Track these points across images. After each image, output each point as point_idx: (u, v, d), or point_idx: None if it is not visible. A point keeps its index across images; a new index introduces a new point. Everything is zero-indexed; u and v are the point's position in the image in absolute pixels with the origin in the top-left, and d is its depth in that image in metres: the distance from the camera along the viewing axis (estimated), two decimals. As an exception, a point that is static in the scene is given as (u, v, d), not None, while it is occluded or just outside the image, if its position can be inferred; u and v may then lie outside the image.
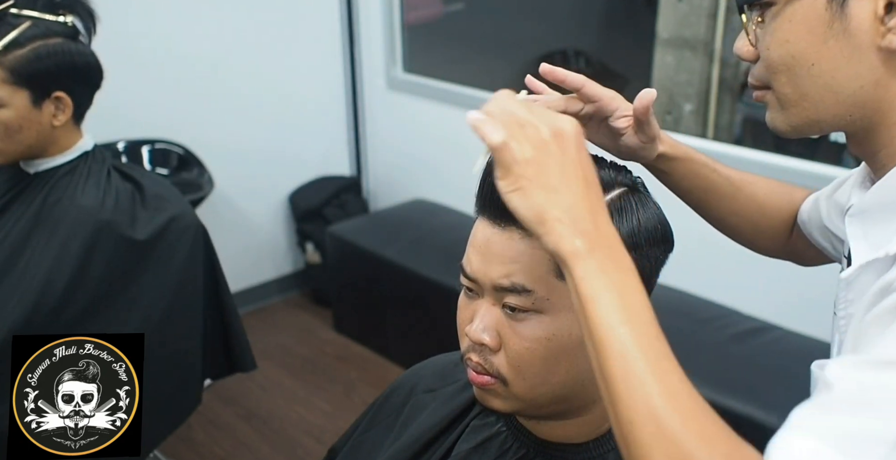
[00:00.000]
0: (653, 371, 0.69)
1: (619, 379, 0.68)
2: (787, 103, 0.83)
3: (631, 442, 0.67)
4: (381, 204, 3.66)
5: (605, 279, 0.71)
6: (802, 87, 0.81)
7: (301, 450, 2.68)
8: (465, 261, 0.89)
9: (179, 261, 1.67)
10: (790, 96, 0.83)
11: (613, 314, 0.70)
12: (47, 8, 1.54)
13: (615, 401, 0.69)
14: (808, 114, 0.83)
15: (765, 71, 0.84)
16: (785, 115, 0.85)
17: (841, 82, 0.80)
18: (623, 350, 0.69)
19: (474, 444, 0.99)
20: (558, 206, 0.72)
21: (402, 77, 3.41)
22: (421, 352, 1.31)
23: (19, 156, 1.60)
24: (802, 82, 0.81)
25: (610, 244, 0.73)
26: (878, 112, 0.81)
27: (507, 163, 0.73)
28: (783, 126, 0.86)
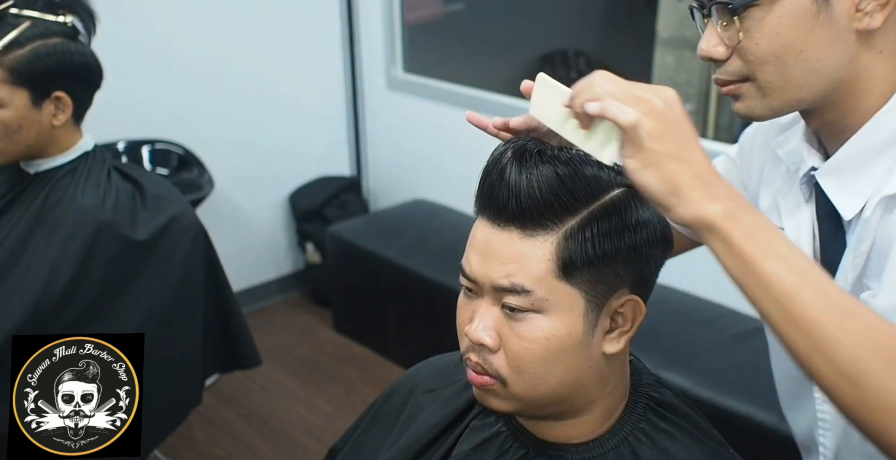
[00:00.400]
0: (856, 302, 0.72)
1: (828, 319, 0.69)
2: (771, 90, 0.90)
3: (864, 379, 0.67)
4: (381, 204, 3.66)
5: (768, 232, 0.73)
6: (789, 73, 0.88)
7: (301, 450, 2.68)
8: (465, 261, 0.89)
9: (180, 262, 1.67)
10: (776, 83, 0.89)
11: (795, 261, 0.72)
12: (47, 8, 1.54)
13: (829, 344, 0.68)
14: (792, 96, 0.90)
15: (743, 65, 0.89)
16: (766, 101, 0.91)
17: (825, 64, 0.89)
18: (824, 289, 0.72)
19: (474, 444, 0.99)
20: (689, 175, 0.74)
21: (403, 77, 3.41)
22: (421, 352, 1.31)
23: (19, 157, 1.60)
24: (790, 69, 0.88)
25: (746, 203, 0.75)
26: (849, 83, 0.90)
27: (639, 139, 0.74)
28: (763, 111, 0.92)
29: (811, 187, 1.01)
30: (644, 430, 0.94)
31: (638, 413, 0.95)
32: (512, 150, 0.86)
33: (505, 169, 0.85)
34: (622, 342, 0.90)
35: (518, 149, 0.86)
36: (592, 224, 0.84)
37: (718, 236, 0.74)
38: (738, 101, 0.93)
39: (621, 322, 0.89)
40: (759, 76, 0.89)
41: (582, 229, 0.84)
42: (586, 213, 0.84)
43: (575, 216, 0.84)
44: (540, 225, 0.84)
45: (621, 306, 0.88)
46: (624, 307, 0.88)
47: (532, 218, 0.84)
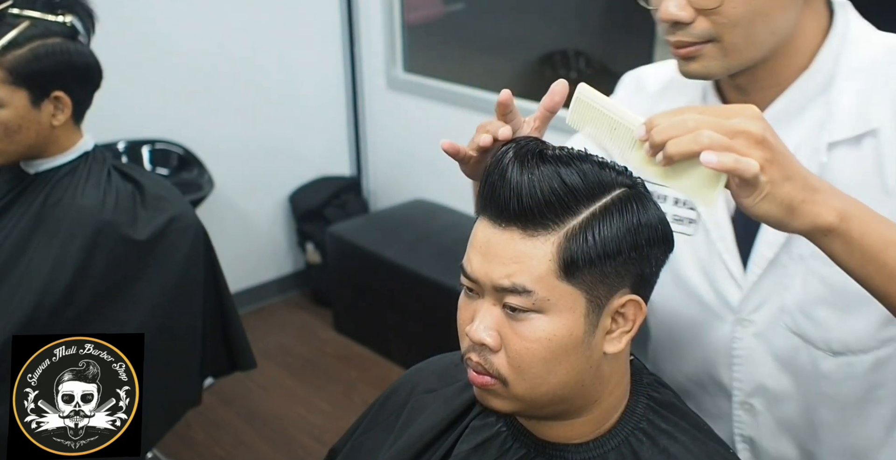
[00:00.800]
0: None
1: None
2: (734, 50, 0.93)
3: None
4: (381, 204, 3.66)
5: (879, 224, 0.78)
6: (754, 35, 0.93)
7: (301, 450, 2.68)
8: (466, 261, 0.89)
9: (179, 262, 1.67)
10: (739, 44, 0.93)
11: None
12: (46, 8, 1.54)
13: None
14: (749, 56, 0.95)
15: (711, 27, 0.92)
16: (726, 61, 0.94)
17: (781, 24, 0.94)
18: None
19: (474, 445, 0.99)
20: (798, 190, 0.76)
21: (403, 77, 3.41)
22: (421, 352, 1.31)
23: (19, 157, 1.60)
24: (756, 30, 0.92)
25: (848, 198, 0.80)
26: (789, 41, 0.96)
27: (757, 180, 0.75)
28: (720, 71, 0.96)
29: None
30: (644, 430, 0.94)
31: (638, 413, 0.95)
32: (514, 150, 0.86)
33: (506, 169, 0.85)
34: (623, 342, 0.90)
35: (520, 149, 0.86)
36: (594, 224, 0.84)
37: (838, 238, 0.78)
38: (693, 61, 0.95)
39: (622, 322, 0.89)
40: (726, 38, 0.92)
41: (583, 229, 0.84)
42: (588, 213, 0.84)
43: (576, 216, 0.84)
44: (541, 225, 0.84)
45: (622, 306, 0.88)
46: (625, 307, 0.88)
47: (533, 218, 0.84)
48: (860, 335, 1.00)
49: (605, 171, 0.87)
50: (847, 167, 0.96)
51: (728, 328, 1.07)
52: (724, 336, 1.08)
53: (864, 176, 0.96)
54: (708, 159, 0.74)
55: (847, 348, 1.01)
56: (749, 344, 1.06)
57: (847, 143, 0.96)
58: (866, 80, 0.96)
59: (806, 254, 0.99)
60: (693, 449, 0.93)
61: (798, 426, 1.08)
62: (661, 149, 0.78)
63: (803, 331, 1.02)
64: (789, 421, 1.08)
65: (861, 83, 0.96)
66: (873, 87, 0.96)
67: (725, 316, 1.07)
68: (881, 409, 1.05)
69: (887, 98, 0.95)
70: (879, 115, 0.95)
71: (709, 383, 1.12)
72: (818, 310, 1.00)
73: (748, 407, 1.10)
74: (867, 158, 0.95)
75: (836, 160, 0.97)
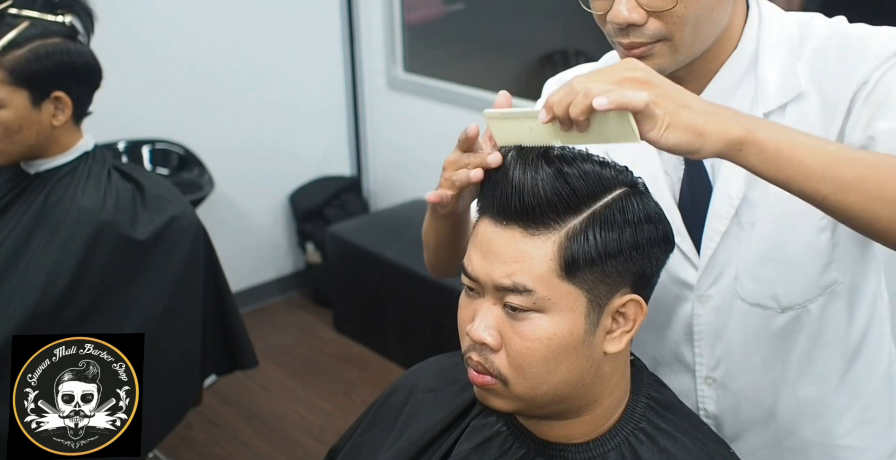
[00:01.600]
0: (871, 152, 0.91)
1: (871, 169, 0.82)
2: (683, 47, 0.97)
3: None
4: (381, 204, 3.66)
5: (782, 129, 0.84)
6: (701, 31, 0.97)
7: (301, 450, 2.68)
8: (467, 260, 0.89)
9: (180, 261, 1.67)
10: (688, 41, 0.97)
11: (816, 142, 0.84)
12: (46, 8, 1.54)
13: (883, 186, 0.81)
14: (695, 50, 0.99)
15: (662, 26, 0.95)
16: (675, 57, 0.98)
17: (721, 18, 0.99)
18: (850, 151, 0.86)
19: (475, 444, 0.99)
20: (699, 115, 0.81)
21: (403, 77, 3.41)
22: (421, 352, 1.31)
23: (20, 157, 1.60)
24: (703, 27, 0.97)
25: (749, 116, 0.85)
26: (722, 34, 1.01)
27: (651, 111, 0.79)
28: (671, 66, 0.99)
29: None
30: (644, 430, 0.94)
31: (639, 413, 0.95)
32: (515, 150, 0.86)
33: (508, 168, 0.85)
34: (623, 342, 0.90)
35: (521, 148, 0.86)
36: (595, 223, 0.84)
37: (752, 149, 0.82)
38: (645, 60, 0.97)
39: (623, 321, 0.89)
40: (677, 36, 0.96)
41: (584, 229, 0.84)
42: (589, 213, 0.84)
43: (577, 215, 0.84)
44: (542, 224, 0.84)
45: (623, 306, 0.88)
46: (626, 307, 0.88)
47: (534, 217, 0.84)
48: (803, 284, 1.05)
49: (605, 171, 0.87)
50: None
51: (688, 306, 1.11)
52: (685, 314, 1.11)
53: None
54: (599, 103, 0.78)
55: (794, 301, 1.06)
56: (708, 319, 1.10)
57: (779, 111, 1.03)
58: (786, 52, 1.03)
59: (756, 221, 1.04)
60: (693, 448, 0.93)
61: (759, 390, 1.12)
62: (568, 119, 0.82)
63: (751, 294, 1.07)
64: (750, 387, 1.12)
65: (781, 56, 1.03)
66: (792, 58, 1.03)
67: (685, 295, 1.10)
68: (831, 352, 1.10)
69: (807, 66, 1.02)
70: (801, 81, 1.01)
71: (673, 361, 1.16)
72: (762, 268, 1.05)
73: (711, 381, 1.13)
74: (795, 122, 1.01)
75: None
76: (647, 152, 1.08)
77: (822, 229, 1.03)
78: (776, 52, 1.03)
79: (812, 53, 1.02)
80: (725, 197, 1.05)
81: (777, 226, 1.03)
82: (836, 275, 1.06)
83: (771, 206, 1.03)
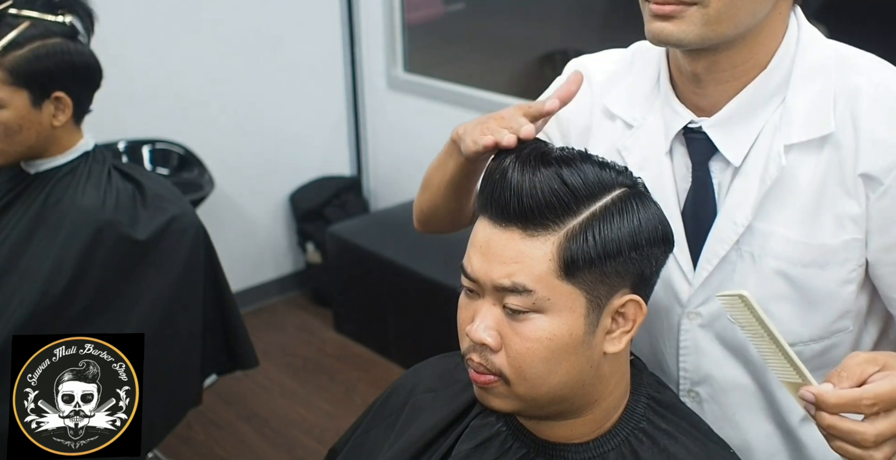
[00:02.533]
0: None
1: None
2: (716, 20, 0.91)
3: None
4: (381, 204, 3.66)
5: None
6: (737, 9, 0.91)
7: (301, 450, 2.68)
8: (466, 261, 0.89)
9: (180, 261, 1.67)
10: (723, 14, 0.91)
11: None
12: (46, 8, 1.54)
13: None
14: (726, 30, 0.92)
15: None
16: (703, 30, 0.92)
17: (760, 9, 0.93)
18: None
19: (475, 444, 0.99)
20: None
21: (403, 77, 3.41)
22: (421, 353, 1.31)
23: (20, 157, 1.60)
24: (741, 5, 0.91)
25: None
26: (757, 32, 0.96)
27: None
28: (693, 39, 0.92)
29: (683, 139, 1.05)
30: (645, 430, 0.94)
31: (639, 413, 0.95)
32: (515, 151, 0.86)
33: (508, 169, 0.85)
34: (623, 342, 0.90)
35: (521, 149, 0.86)
36: (594, 224, 0.84)
37: None
38: (670, 22, 0.92)
39: (622, 322, 0.89)
40: (713, 4, 0.90)
41: (584, 229, 0.84)
42: (588, 213, 0.84)
43: (576, 216, 0.84)
44: (541, 225, 0.84)
45: (622, 306, 0.88)
46: (625, 307, 0.88)
47: (534, 217, 0.84)
48: (815, 328, 1.02)
49: (605, 171, 0.87)
50: (806, 169, 0.98)
51: (675, 319, 1.09)
52: (672, 327, 1.09)
53: (825, 177, 0.97)
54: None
55: (799, 339, 1.03)
56: (695, 335, 1.08)
57: (802, 146, 0.97)
58: (820, 84, 0.97)
59: (756, 253, 1.01)
60: (693, 448, 0.93)
61: (742, 412, 1.10)
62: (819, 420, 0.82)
63: None
64: (734, 407, 1.10)
65: (815, 87, 0.98)
66: (826, 92, 0.97)
67: (674, 308, 1.08)
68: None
69: (840, 104, 0.96)
70: (832, 121, 0.96)
71: (657, 371, 1.14)
72: (777, 305, 1.01)
73: (694, 395, 1.12)
74: (825, 161, 0.97)
75: (794, 162, 0.98)
76: (657, 156, 1.06)
77: (849, 281, 0.99)
78: (810, 80, 0.98)
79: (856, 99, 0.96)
80: (730, 221, 1.01)
81: (796, 271, 0.99)
82: (848, 323, 1.03)
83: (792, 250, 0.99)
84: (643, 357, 1.14)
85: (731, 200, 1.01)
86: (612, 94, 1.11)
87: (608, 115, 1.11)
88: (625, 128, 1.09)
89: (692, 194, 1.05)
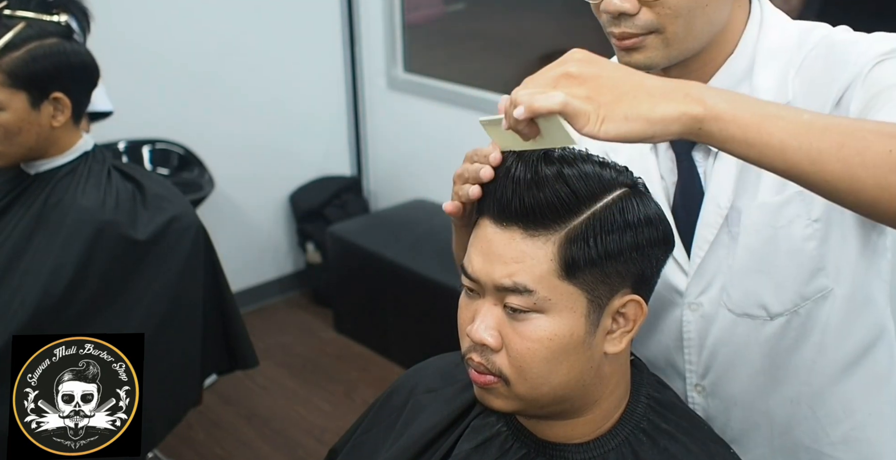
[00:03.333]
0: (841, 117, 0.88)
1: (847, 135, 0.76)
2: (675, 41, 0.96)
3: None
4: (381, 204, 3.66)
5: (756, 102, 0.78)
6: (693, 26, 0.96)
7: (302, 450, 2.68)
8: (467, 261, 0.89)
9: (180, 261, 1.67)
10: (680, 35, 0.96)
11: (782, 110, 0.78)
12: (41, 8, 1.53)
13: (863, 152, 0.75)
14: (688, 46, 0.98)
15: (654, 18, 0.95)
16: (667, 52, 0.97)
17: (718, 16, 0.98)
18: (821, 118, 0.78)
19: (475, 444, 0.99)
20: (645, 100, 0.76)
21: (403, 77, 3.41)
22: (421, 352, 1.31)
23: (20, 159, 1.59)
24: (695, 21, 0.96)
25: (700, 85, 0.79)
26: (720, 35, 1.00)
27: (578, 109, 0.75)
28: (662, 61, 0.98)
29: None
30: (645, 430, 0.94)
31: (639, 413, 0.95)
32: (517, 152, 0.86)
33: (509, 169, 0.85)
34: (624, 342, 0.90)
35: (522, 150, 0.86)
36: (595, 224, 0.84)
37: (713, 126, 0.76)
38: (636, 52, 0.97)
39: (623, 322, 0.89)
40: (669, 28, 0.95)
41: (584, 229, 0.84)
42: (589, 214, 0.84)
43: (577, 216, 0.84)
44: (542, 225, 0.84)
45: (623, 306, 0.88)
46: (626, 307, 0.88)
47: (535, 218, 0.84)
48: (790, 293, 1.04)
49: (605, 171, 0.87)
50: None
51: (678, 313, 1.10)
52: (676, 320, 1.11)
53: None
54: (518, 113, 0.76)
55: (783, 308, 1.04)
56: (697, 326, 1.09)
57: None
58: (784, 60, 1.01)
59: (737, 229, 1.03)
60: (693, 449, 0.93)
61: (750, 397, 1.11)
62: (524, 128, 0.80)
63: (738, 304, 1.06)
64: (741, 395, 1.11)
65: (777, 64, 1.02)
66: (788, 66, 1.01)
67: (676, 301, 1.09)
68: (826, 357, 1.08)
69: (802, 75, 1.00)
70: (790, 90, 1.00)
71: (666, 367, 1.15)
72: (749, 279, 1.04)
73: (700, 389, 1.12)
74: None
75: None
76: (642, 154, 1.08)
77: (808, 237, 1.01)
78: (774, 59, 1.02)
79: (803, 62, 1.01)
80: (714, 205, 1.04)
81: (761, 236, 1.02)
82: (826, 282, 1.04)
83: (755, 217, 1.02)
84: (654, 358, 1.15)
85: (712, 184, 1.04)
86: None
87: None
88: None
89: (679, 186, 1.07)
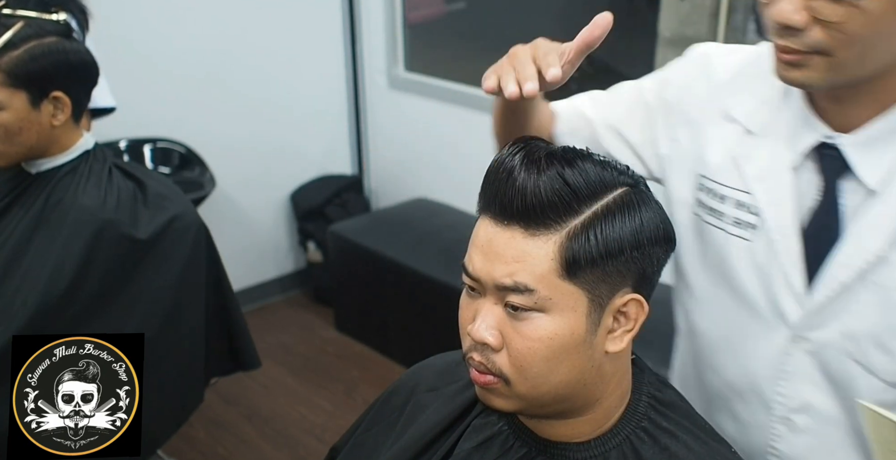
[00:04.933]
0: None
1: None
2: (843, 68, 0.88)
3: None
4: (382, 203, 3.66)
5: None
6: (868, 56, 0.87)
7: (302, 450, 2.68)
8: (467, 260, 0.89)
9: (181, 261, 1.67)
10: (851, 63, 0.87)
11: None
12: (39, 6, 1.53)
13: None
14: (857, 74, 0.89)
15: (824, 39, 0.86)
16: (829, 76, 0.89)
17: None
18: None
19: (476, 443, 0.99)
20: None
21: (404, 76, 3.41)
22: (422, 351, 1.31)
23: (21, 158, 1.59)
24: (871, 52, 0.87)
25: None
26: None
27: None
28: (820, 84, 0.91)
29: (814, 155, 1.00)
30: (646, 429, 0.94)
31: (640, 412, 0.95)
32: (518, 150, 0.86)
33: (510, 168, 0.85)
34: (625, 341, 0.89)
35: (524, 148, 0.86)
36: (596, 223, 0.84)
37: None
38: (795, 69, 0.90)
39: (624, 321, 0.89)
40: (839, 54, 0.86)
41: (585, 228, 0.84)
42: (590, 213, 0.84)
43: (578, 215, 0.84)
44: (543, 224, 0.84)
45: (624, 305, 0.88)
46: (627, 306, 0.88)
47: (535, 216, 0.83)
48: None
49: (606, 171, 0.87)
50: None
51: (779, 341, 1.03)
52: (774, 349, 1.04)
53: None
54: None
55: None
56: (801, 360, 1.03)
57: None
58: None
59: (887, 284, 0.94)
60: (695, 448, 0.93)
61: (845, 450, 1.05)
62: None
63: (869, 360, 0.98)
64: (835, 443, 1.05)
65: None
66: None
67: (779, 329, 1.03)
68: None
69: None
70: None
71: (747, 392, 1.09)
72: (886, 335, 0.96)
73: (790, 423, 1.06)
74: None
75: None
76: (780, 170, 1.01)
77: None
78: None
79: None
80: (858, 248, 0.95)
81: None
82: None
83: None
84: (728, 376, 1.10)
85: (862, 225, 0.95)
86: (735, 98, 1.07)
87: (727, 118, 1.07)
88: (743, 134, 1.05)
89: (819, 213, 0.99)
